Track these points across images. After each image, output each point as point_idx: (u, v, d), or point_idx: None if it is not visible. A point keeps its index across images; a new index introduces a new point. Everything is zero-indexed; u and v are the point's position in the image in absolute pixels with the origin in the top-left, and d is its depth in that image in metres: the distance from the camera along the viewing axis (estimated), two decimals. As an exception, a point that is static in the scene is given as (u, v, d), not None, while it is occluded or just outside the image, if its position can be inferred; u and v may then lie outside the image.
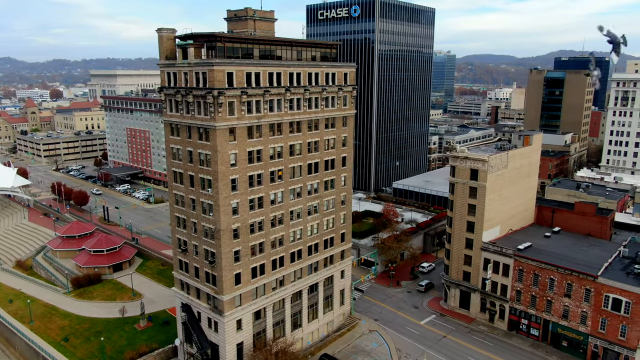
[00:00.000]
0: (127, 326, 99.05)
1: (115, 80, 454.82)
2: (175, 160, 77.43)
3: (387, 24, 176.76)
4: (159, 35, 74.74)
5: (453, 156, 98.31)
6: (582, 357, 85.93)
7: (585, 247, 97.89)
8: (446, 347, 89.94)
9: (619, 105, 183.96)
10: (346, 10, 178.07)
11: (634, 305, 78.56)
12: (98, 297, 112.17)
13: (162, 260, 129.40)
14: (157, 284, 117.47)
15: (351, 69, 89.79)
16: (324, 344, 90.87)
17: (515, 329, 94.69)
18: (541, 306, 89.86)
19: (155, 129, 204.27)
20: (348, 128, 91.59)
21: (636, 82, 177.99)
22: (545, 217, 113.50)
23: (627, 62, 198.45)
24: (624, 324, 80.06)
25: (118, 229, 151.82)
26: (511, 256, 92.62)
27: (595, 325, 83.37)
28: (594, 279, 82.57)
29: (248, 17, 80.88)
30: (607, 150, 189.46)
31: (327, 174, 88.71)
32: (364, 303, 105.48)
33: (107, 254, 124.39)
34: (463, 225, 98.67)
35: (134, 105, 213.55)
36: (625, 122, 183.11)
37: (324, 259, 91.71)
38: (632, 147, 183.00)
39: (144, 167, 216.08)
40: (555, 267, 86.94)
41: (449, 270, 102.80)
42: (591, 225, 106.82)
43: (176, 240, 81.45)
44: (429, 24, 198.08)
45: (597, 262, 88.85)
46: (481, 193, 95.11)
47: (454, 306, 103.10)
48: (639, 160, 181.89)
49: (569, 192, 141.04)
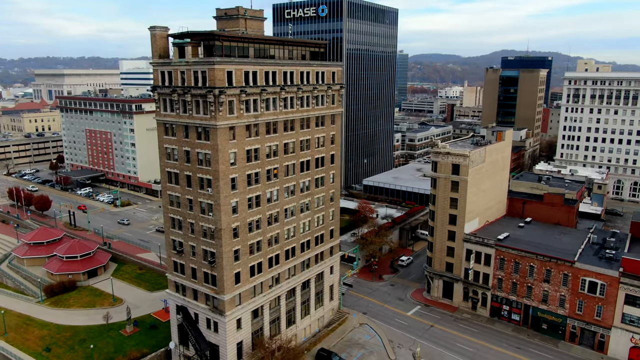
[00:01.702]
0: (112, 332, 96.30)
1: (63, 80, 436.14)
2: (170, 160, 76.30)
3: (355, 23, 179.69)
4: (151, 34, 73.47)
5: (435, 152, 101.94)
6: (561, 338, 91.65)
7: (556, 236, 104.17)
8: (435, 335, 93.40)
9: (570, 102, 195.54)
10: (313, 10, 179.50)
11: (609, 287, 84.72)
12: (75, 305, 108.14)
13: (139, 264, 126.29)
14: (137, 289, 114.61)
15: (338, 67, 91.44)
16: (318, 339, 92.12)
17: (497, 315, 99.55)
18: (522, 292, 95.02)
19: (118, 130, 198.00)
20: (336, 126, 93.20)
21: (586, 80, 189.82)
22: (517, 208, 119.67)
23: (578, 62, 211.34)
24: (600, 305, 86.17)
25: (86, 233, 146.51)
26: (492, 246, 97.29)
27: (573, 308, 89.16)
28: (571, 264, 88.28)
29: (239, 16, 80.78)
30: (561, 145, 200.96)
31: (317, 171, 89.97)
32: (351, 298, 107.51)
33: (81, 260, 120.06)
34: (445, 218, 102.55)
35: (94, 106, 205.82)
36: (577, 117, 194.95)
37: (315, 255, 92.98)
38: (583, 141, 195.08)
39: (106, 170, 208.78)
40: (535, 254, 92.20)
41: (431, 262, 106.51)
42: (559, 215, 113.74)
43: (170, 241, 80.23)
44: (392, 24, 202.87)
45: (570, 248, 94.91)
46: (463, 187, 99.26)
47: (437, 296, 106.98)
48: (590, 153, 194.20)
49: (532, 185, 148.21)
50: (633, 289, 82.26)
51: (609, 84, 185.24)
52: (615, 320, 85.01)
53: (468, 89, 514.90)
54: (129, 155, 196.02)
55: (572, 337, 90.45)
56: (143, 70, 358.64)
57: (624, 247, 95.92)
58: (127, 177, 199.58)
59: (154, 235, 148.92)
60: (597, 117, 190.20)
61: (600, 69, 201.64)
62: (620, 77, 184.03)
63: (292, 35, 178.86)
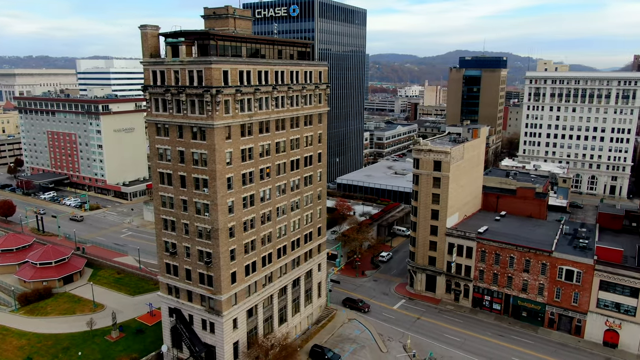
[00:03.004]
0: (97, 339, 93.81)
1: (14, 80, 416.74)
2: (162, 161, 75.31)
3: (326, 23, 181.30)
4: (142, 32, 72.33)
5: (417, 149, 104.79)
6: (540, 324, 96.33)
7: (531, 227, 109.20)
8: (422, 327, 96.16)
9: (532, 101, 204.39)
10: (285, 10, 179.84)
11: (584, 274, 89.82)
12: (54, 312, 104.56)
13: (117, 268, 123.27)
14: (117, 293, 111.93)
15: (325, 67, 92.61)
16: (309, 336, 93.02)
17: (478, 305, 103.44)
18: (502, 282, 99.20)
19: (84, 132, 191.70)
20: (323, 125, 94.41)
21: (546, 79, 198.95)
22: (491, 202, 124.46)
23: (538, 62, 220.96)
24: (576, 292, 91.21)
25: (56, 239, 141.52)
26: (474, 239, 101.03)
27: (551, 295, 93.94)
28: (549, 254, 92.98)
29: (229, 15, 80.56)
30: (524, 141, 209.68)
31: (306, 170, 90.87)
32: (337, 294, 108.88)
33: (55, 266, 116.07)
34: (428, 214, 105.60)
35: (57, 107, 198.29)
36: (538, 115, 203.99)
37: (304, 253, 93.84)
38: (544, 137, 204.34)
39: (70, 173, 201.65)
40: (515, 246, 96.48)
41: (414, 256, 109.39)
42: (531, 208, 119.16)
43: (162, 243, 79.15)
44: (361, 24, 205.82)
45: (546, 239, 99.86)
46: (444, 183, 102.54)
47: (421, 290, 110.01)
48: (551, 149, 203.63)
49: (501, 180, 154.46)
50: (607, 275, 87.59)
51: (567, 82, 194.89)
52: (590, 306, 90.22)
53: (429, 88, 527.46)
54: (96, 158, 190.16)
55: (550, 323, 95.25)
56: (102, 70, 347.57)
57: (594, 236, 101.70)
58: (94, 179, 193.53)
59: (128, 238, 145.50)
60: (556, 115, 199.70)
61: (559, 68, 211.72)
62: (578, 77, 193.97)
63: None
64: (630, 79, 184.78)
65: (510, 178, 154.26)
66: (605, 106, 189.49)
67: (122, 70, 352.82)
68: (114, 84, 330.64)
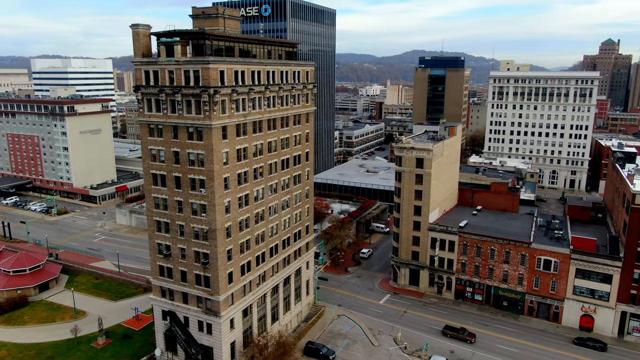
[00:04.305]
0: (82, 346, 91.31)
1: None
2: (156, 162, 74.32)
3: (298, 23, 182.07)
4: (134, 32, 71.17)
5: (399, 147, 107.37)
6: (520, 312, 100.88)
7: (507, 221, 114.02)
8: (410, 320, 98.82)
9: (496, 99, 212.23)
10: (256, 9, 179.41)
11: (561, 263, 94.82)
12: (32, 321, 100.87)
13: (94, 273, 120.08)
14: (98, 299, 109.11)
15: (311, 67, 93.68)
16: (301, 333, 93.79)
17: (461, 297, 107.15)
18: (484, 274, 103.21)
19: (47, 134, 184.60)
20: (310, 124, 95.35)
21: (509, 78, 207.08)
22: (467, 198, 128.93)
23: (501, 62, 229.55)
24: (554, 280, 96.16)
25: (25, 245, 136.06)
26: (456, 233, 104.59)
27: (531, 284, 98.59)
28: (528, 245, 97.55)
29: (218, 15, 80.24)
30: (489, 139, 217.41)
31: (295, 169, 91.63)
32: (323, 291, 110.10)
33: (30, 273, 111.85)
34: (411, 210, 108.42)
35: (17, 108, 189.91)
36: (502, 113, 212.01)
37: (294, 251, 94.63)
38: (508, 135, 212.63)
39: (33, 177, 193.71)
40: (495, 238, 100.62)
41: (398, 252, 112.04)
42: (505, 202, 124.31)
43: (155, 245, 78.06)
44: (331, 24, 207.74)
45: (523, 232, 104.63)
46: (427, 179, 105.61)
47: (405, 284, 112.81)
48: (514, 146, 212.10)
49: (471, 176, 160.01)
50: (582, 264, 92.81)
51: (528, 82, 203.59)
52: (567, 293, 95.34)
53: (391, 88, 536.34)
54: (61, 160, 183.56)
55: (530, 311, 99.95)
56: (60, 70, 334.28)
57: (566, 228, 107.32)
58: (60, 183, 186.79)
59: (103, 243, 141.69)
60: (519, 113, 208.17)
61: (521, 68, 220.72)
62: (539, 76, 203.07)
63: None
64: (587, 78, 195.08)
65: (480, 174, 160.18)
66: (564, 104, 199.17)
67: (80, 70, 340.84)
68: (72, 84, 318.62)
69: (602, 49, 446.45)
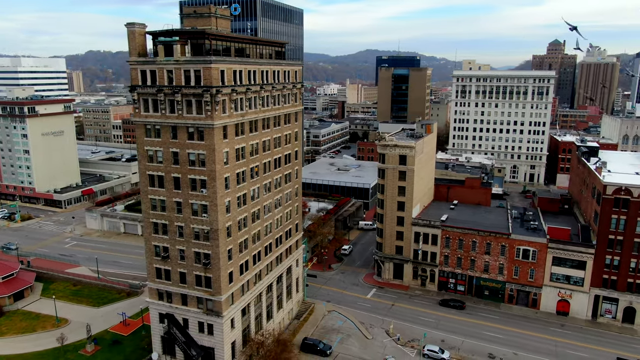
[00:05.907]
0: (70, 354, 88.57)
1: None
2: (153, 163, 73.27)
3: (268, 23, 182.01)
4: (129, 31, 69.90)
5: (382, 145, 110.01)
6: (501, 301, 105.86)
7: (483, 214, 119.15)
8: (398, 313, 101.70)
9: (459, 97, 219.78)
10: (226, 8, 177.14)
11: (539, 252, 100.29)
12: (11, 332, 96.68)
13: (72, 280, 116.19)
14: (79, 306, 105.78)
15: (299, 66, 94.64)
16: (295, 330, 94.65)
17: (444, 288, 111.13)
18: (466, 265, 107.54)
19: (6, 136, 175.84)
20: (299, 123, 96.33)
21: (471, 77, 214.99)
22: (442, 193, 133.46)
23: (463, 61, 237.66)
24: (532, 269, 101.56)
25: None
26: (439, 227, 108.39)
27: (510, 273, 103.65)
28: (507, 237, 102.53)
29: (211, 15, 79.88)
30: (453, 135, 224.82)
31: (286, 167, 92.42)
32: (311, 288, 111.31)
33: (4, 282, 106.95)
34: (394, 205, 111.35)
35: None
36: (465, 111, 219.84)
37: (286, 249, 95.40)
38: (471, 132, 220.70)
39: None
40: (477, 231, 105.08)
41: (382, 247, 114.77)
42: (479, 196, 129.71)
43: (152, 248, 76.90)
44: (299, 23, 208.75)
45: (500, 223, 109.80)
46: (410, 175, 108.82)
47: (389, 278, 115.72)
48: (477, 142, 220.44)
49: (442, 172, 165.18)
50: (558, 252, 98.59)
51: (490, 80, 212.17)
52: (545, 280, 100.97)
53: (350, 87, 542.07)
54: (22, 164, 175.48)
55: (510, 299, 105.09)
56: (9, 69, 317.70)
57: (539, 219, 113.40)
58: (21, 188, 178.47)
59: (75, 248, 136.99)
60: (481, 110, 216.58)
61: (482, 68, 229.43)
62: (499, 75, 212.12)
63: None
64: (544, 77, 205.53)
65: (449, 170, 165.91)
66: (523, 102, 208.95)
67: (31, 70, 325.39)
68: (22, 84, 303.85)
69: (550, 49, 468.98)
